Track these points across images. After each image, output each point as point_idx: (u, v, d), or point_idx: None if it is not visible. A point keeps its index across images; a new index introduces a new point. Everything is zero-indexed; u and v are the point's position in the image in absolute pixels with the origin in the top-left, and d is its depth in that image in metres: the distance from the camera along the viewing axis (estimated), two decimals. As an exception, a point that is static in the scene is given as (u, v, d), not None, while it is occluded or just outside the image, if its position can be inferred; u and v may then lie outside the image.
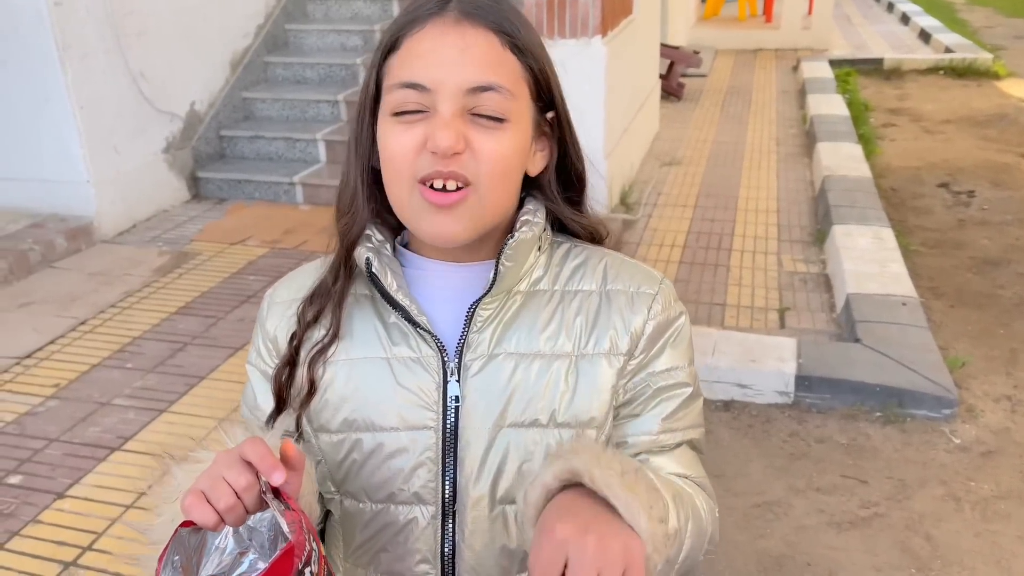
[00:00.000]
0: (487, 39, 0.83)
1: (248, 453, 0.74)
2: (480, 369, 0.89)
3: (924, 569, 2.44)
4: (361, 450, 0.91)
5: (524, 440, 0.89)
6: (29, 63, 4.54)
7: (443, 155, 0.81)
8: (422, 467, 0.90)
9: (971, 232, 4.91)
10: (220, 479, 0.74)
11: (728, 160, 6.17)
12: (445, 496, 0.90)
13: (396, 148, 0.84)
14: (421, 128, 0.83)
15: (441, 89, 0.82)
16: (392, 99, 0.84)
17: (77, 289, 4.25)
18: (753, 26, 11.28)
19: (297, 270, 1.01)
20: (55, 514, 2.66)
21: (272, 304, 0.98)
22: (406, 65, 0.84)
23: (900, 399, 3.13)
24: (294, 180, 5.38)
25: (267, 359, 0.97)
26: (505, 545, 0.91)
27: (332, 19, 6.48)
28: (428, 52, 0.82)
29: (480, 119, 0.83)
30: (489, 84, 0.82)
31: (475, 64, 0.82)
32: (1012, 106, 7.72)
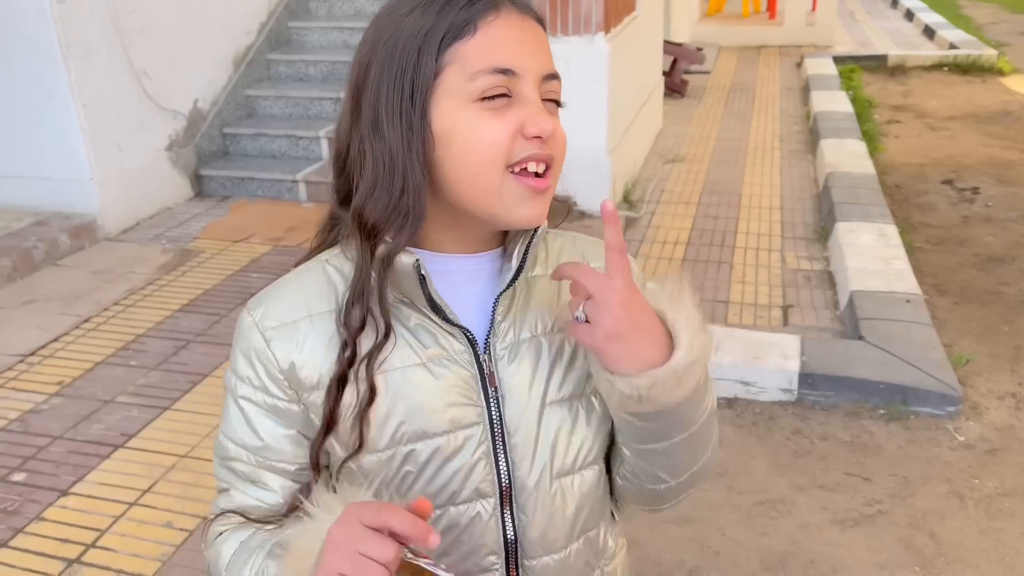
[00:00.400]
0: (543, 31, 0.89)
1: (394, 522, 0.72)
2: (512, 356, 0.91)
3: (928, 567, 2.44)
4: (416, 461, 0.89)
5: (566, 412, 0.93)
6: (32, 61, 4.54)
7: (547, 138, 0.84)
8: (479, 462, 0.90)
9: (975, 229, 4.90)
10: (362, 558, 0.71)
11: (731, 157, 6.16)
12: (502, 485, 0.91)
13: (490, 136, 0.83)
14: (512, 114, 0.84)
15: (527, 75, 0.84)
16: (479, 85, 0.83)
17: (80, 287, 4.25)
18: (757, 23, 11.26)
19: (275, 290, 0.93)
20: (59, 511, 2.66)
21: (270, 330, 0.89)
22: (494, 50, 0.83)
23: (904, 396, 3.12)
24: (297, 177, 5.38)
25: (279, 392, 0.89)
26: (565, 515, 0.95)
27: (335, 16, 6.48)
28: (515, 39, 0.84)
29: (549, 104, 0.87)
30: (556, 72, 0.88)
31: (546, 52, 0.87)
32: (1017, 103, 7.70)
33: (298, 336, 0.88)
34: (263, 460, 0.91)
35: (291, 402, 0.89)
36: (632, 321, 0.81)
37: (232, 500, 0.93)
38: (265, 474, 0.91)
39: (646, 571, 2.43)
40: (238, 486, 0.92)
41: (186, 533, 2.55)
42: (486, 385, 0.90)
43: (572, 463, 0.94)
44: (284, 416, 0.90)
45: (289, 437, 0.90)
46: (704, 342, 0.84)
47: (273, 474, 0.91)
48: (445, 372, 0.89)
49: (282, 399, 0.89)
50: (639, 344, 0.81)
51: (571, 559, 0.97)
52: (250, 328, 0.90)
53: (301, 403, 0.89)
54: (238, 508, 0.92)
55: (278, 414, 0.90)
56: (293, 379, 0.88)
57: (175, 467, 2.85)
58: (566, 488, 0.94)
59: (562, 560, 0.96)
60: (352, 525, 0.74)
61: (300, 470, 0.91)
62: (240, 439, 0.91)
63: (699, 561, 2.47)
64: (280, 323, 0.89)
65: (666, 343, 0.82)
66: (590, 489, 0.96)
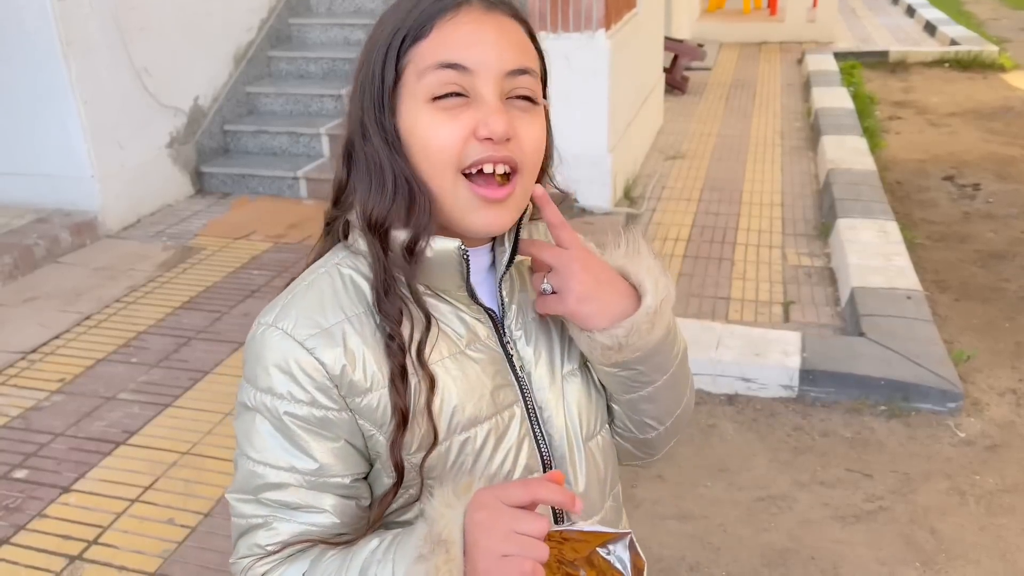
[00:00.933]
0: (516, 27, 0.87)
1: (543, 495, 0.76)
2: (528, 336, 0.95)
3: (929, 563, 2.44)
4: (473, 447, 0.90)
5: (580, 380, 0.97)
6: (33, 59, 4.54)
7: (498, 140, 0.82)
8: (524, 440, 0.93)
9: (976, 225, 4.90)
10: (519, 536, 0.73)
11: (732, 154, 6.16)
12: (544, 457, 0.94)
13: (440, 138, 0.82)
14: (466, 116, 0.82)
15: (483, 71, 0.82)
16: (428, 83, 0.82)
17: (82, 284, 4.25)
18: (757, 19, 11.24)
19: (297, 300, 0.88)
20: (61, 508, 2.67)
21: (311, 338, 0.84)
22: (443, 48, 0.82)
23: (905, 393, 3.12)
24: (298, 175, 5.38)
25: (328, 402, 0.84)
26: (598, 475, 0.99)
27: (335, 13, 6.47)
28: (467, 35, 0.83)
29: (517, 102, 0.85)
30: (525, 67, 0.85)
31: (512, 47, 0.84)
32: (1018, 99, 7.69)
33: (342, 340, 0.85)
34: (314, 480, 0.85)
35: (341, 410, 0.85)
36: (595, 281, 0.88)
37: (277, 532, 0.85)
38: (316, 495, 0.86)
39: (647, 568, 2.43)
40: (280, 515, 0.85)
41: (188, 530, 2.55)
42: (513, 365, 0.94)
43: (594, 425, 0.98)
44: (333, 427, 0.85)
45: (338, 449, 0.86)
46: (667, 284, 0.90)
47: (327, 494, 0.86)
48: (482, 357, 0.91)
49: (332, 408, 0.85)
50: (607, 299, 0.88)
51: (608, 517, 1.02)
52: (282, 340, 0.84)
53: (349, 409, 0.85)
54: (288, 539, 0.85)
55: (326, 427, 0.85)
56: (344, 384, 0.84)
57: (177, 464, 2.86)
58: (594, 450, 0.98)
59: (601, 520, 1.00)
60: (496, 508, 0.75)
61: (353, 482, 0.88)
62: (284, 463, 0.85)
63: (700, 557, 2.48)
64: (319, 329, 0.84)
65: (632, 294, 0.90)
66: (609, 446, 1.02)
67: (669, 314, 0.91)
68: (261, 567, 0.85)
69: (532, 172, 0.88)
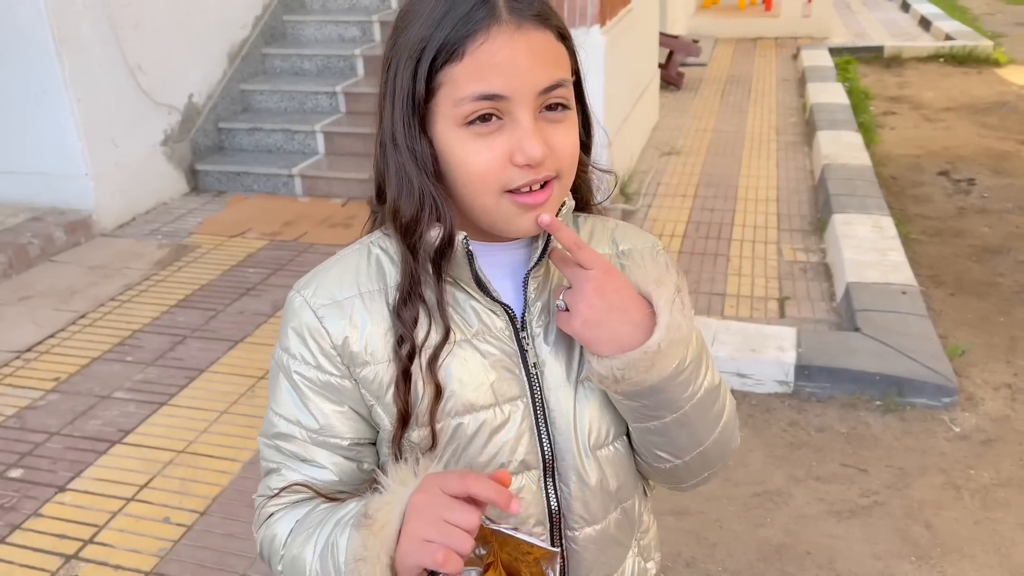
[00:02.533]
0: (547, 37, 0.85)
1: (477, 489, 0.76)
2: (547, 334, 0.95)
3: (924, 557, 2.45)
4: (464, 434, 0.92)
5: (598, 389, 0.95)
6: (26, 57, 4.53)
7: (535, 165, 0.84)
8: (524, 435, 0.93)
9: (971, 220, 4.90)
10: (446, 525, 0.75)
11: (728, 149, 6.16)
12: (546, 456, 0.94)
13: (480, 164, 0.84)
14: (502, 140, 0.84)
15: (518, 96, 0.83)
16: (464, 110, 0.83)
17: (76, 282, 4.25)
18: (753, 14, 11.24)
19: (323, 270, 0.96)
20: (56, 507, 2.66)
21: (322, 307, 0.92)
22: (478, 77, 0.82)
23: (900, 388, 3.13)
24: (293, 172, 5.37)
25: (332, 368, 0.92)
26: (604, 485, 0.97)
27: (330, 10, 6.46)
28: (502, 63, 0.82)
29: (549, 113, 0.86)
30: (559, 81, 0.86)
31: (545, 66, 0.84)
32: (1012, 93, 7.70)
33: (350, 313, 0.91)
34: (315, 437, 0.93)
35: (343, 378, 0.92)
36: (607, 306, 0.86)
37: (284, 479, 0.94)
38: (317, 451, 0.93)
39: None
40: (289, 464, 0.94)
41: (184, 528, 2.55)
42: (526, 361, 0.94)
43: (606, 435, 0.97)
44: (337, 392, 0.93)
45: (341, 413, 0.93)
46: (681, 324, 0.87)
47: (325, 451, 0.93)
48: (489, 348, 0.93)
49: (335, 375, 0.92)
50: (615, 327, 0.86)
51: (611, 529, 1.00)
52: (301, 307, 0.93)
53: (352, 378, 0.92)
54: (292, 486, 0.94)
55: (331, 391, 0.92)
56: (346, 354, 0.91)
57: (172, 462, 2.85)
58: (602, 460, 0.97)
59: (602, 530, 0.99)
60: (434, 493, 0.77)
61: (352, 445, 0.94)
62: (293, 416, 0.94)
63: (696, 553, 2.48)
64: (332, 300, 0.92)
65: (647, 325, 0.87)
66: (623, 460, 1.00)
67: (682, 353, 0.87)
68: (270, 507, 0.94)
69: (569, 175, 0.90)
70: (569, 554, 0.98)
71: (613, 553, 1.02)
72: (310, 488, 0.93)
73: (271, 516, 0.94)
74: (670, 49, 7.88)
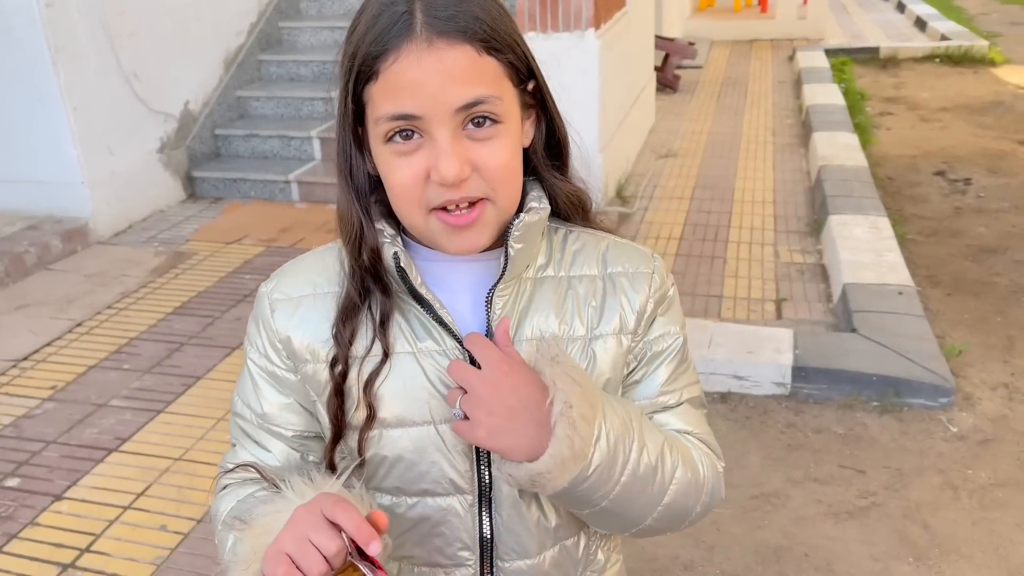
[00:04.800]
0: (464, 53, 0.81)
1: (341, 519, 0.75)
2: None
3: (922, 558, 2.44)
4: (395, 446, 0.91)
5: None
6: (22, 65, 4.53)
7: (451, 185, 0.82)
8: (459, 458, 0.91)
9: (967, 220, 4.91)
10: (307, 544, 0.74)
11: (724, 151, 6.16)
12: (482, 483, 0.92)
13: (399, 181, 0.84)
14: (420, 157, 0.83)
15: (430, 115, 0.81)
16: (381, 129, 0.83)
17: (73, 291, 4.24)
18: (748, 16, 11.25)
19: (292, 265, 0.99)
20: (53, 516, 2.66)
21: (276, 302, 0.94)
22: (390, 97, 0.81)
23: (897, 388, 3.12)
24: (289, 178, 5.37)
25: (277, 360, 0.94)
26: (540, 520, 0.96)
27: (325, 16, 6.47)
28: (411, 83, 0.80)
29: (475, 130, 0.83)
30: (476, 99, 0.82)
31: (460, 84, 0.81)
32: (1008, 93, 7.71)
33: (300, 311, 0.93)
34: (262, 423, 0.96)
35: (288, 371, 0.94)
36: (507, 411, 0.83)
37: (237, 456, 0.98)
38: (265, 436, 0.96)
39: (641, 567, 2.43)
40: (243, 443, 0.98)
41: (181, 536, 2.55)
42: None
43: None
44: (282, 384, 0.95)
45: (287, 405, 0.95)
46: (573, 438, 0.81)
47: (272, 437, 0.96)
48: (433, 365, 0.90)
49: (280, 367, 0.94)
50: (521, 432, 0.83)
51: (545, 565, 0.98)
52: (262, 298, 0.97)
53: (298, 374, 0.94)
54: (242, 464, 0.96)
55: (277, 381, 0.95)
56: (289, 350, 0.93)
57: (169, 470, 2.85)
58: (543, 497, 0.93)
59: (535, 565, 0.97)
60: (313, 512, 0.76)
61: (296, 437, 0.96)
62: (246, 399, 0.97)
63: (694, 556, 2.48)
64: (287, 297, 0.95)
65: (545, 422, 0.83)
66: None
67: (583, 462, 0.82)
68: (224, 480, 0.98)
69: (504, 190, 0.86)
70: None
71: None
72: (258, 470, 0.94)
73: (224, 488, 0.97)
74: (666, 52, 7.89)
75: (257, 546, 0.79)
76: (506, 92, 0.85)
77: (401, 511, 0.94)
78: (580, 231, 0.99)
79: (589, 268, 0.96)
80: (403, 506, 0.94)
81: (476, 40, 0.82)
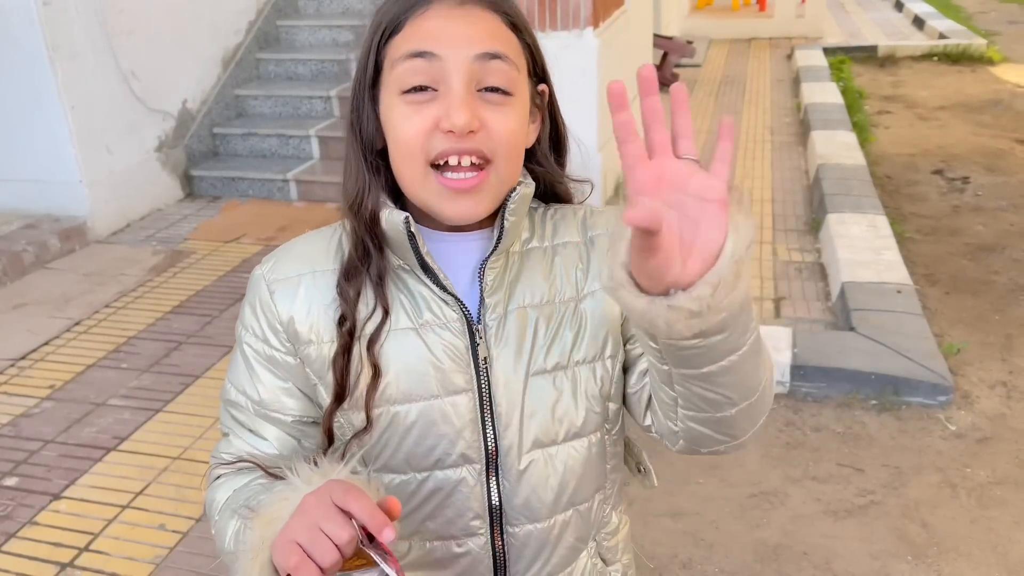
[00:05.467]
0: (491, 17, 0.86)
1: (353, 507, 0.73)
2: (499, 327, 0.93)
3: (920, 556, 2.45)
4: (403, 422, 0.92)
5: (550, 384, 0.94)
6: (19, 64, 4.52)
7: (460, 133, 0.83)
8: (466, 428, 0.93)
9: (966, 218, 4.91)
10: (319, 532, 0.73)
11: (722, 150, 6.15)
12: (489, 451, 0.94)
13: (407, 130, 0.85)
14: (432, 108, 0.84)
15: (450, 57, 0.83)
16: (398, 73, 0.85)
17: (71, 289, 4.24)
18: (747, 15, 11.25)
19: (286, 247, 0.98)
20: (51, 516, 2.66)
21: (275, 282, 0.94)
22: (413, 39, 0.85)
23: (895, 387, 3.13)
24: (288, 177, 5.36)
25: (277, 343, 0.94)
26: (549, 485, 0.96)
27: (323, 14, 6.46)
28: (436, 27, 0.84)
29: (489, 95, 0.85)
30: (497, 52, 0.85)
31: (482, 35, 0.85)
32: (1007, 92, 7.71)
33: (299, 291, 0.93)
34: (259, 409, 0.95)
35: (288, 354, 0.94)
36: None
37: (231, 445, 0.96)
38: (261, 423, 0.95)
39: (640, 564, 2.43)
40: (237, 432, 0.96)
41: (179, 535, 2.55)
42: (477, 354, 0.93)
43: (556, 434, 0.95)
44: (281, 368, 0.94)
45: (285, 390, 0.94)
46: (747, 223, 0.71)
47: (269, 424, 0.95)
48: (436, 339, 0.92)
49: (279, 350, 0.94)
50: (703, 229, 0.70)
51: (556, 530, 0.99)
52: (258, 280, 0.95)
53: (297, 356, 0.93)
54: (236, 454, 0.95)
55: (275, 365, 0.94)
56: (291, 332, 0.93)
57: (168, 469, 2.85)
58: (549, 459, 0.96)
59: (545, 530, 0.98)
60: (322, 499, 0.75)
61: (295, 423, 0.95)
62: (241, 386, 0.96)
63: (693, 554, 2.48)
64: (284, 277, 0.94)
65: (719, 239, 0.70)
66: (578, 462, 0.97)
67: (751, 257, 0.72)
68: (218, 471, 0.97)
69: (508, 161, 0.88)
70: (508, 549, 0.98)
71: (560, 553, 1.00)
72: (253, 460, 0.94)
73: (218, 479, 0.96)
74: (664, 50, 7.89)
75: (265, 535, 0.78)
76: (522, 70, 0.89)
77: (412, 488, 0.95)
78: (557, 206, 1.02)
79: (571, 235, 0.99)
80: (413, 482, 0.95)
81: (502, 12, 0.88)
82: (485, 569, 0.99)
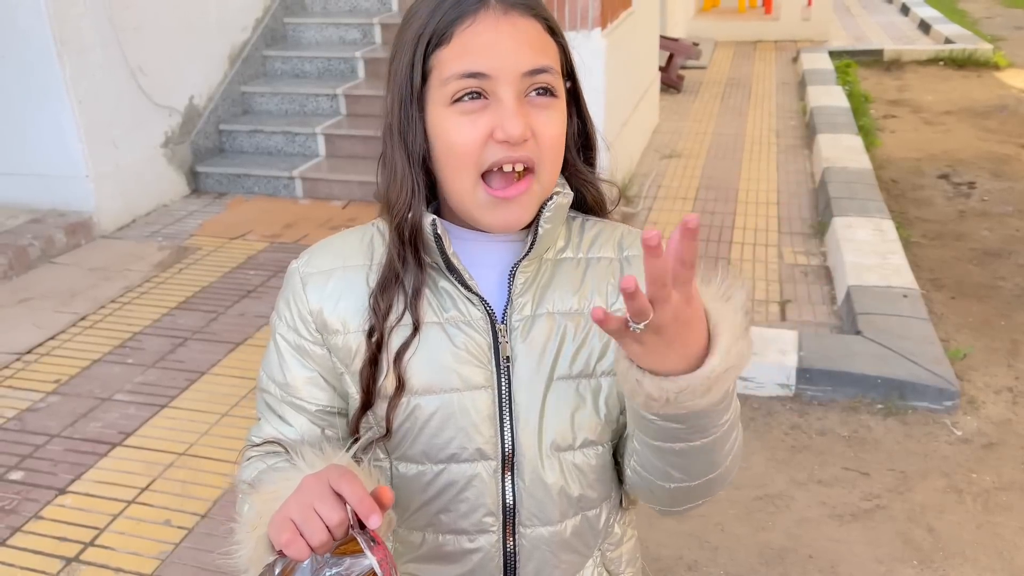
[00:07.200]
0: (533, 25, 0.88)
1: (345, 491, 0.75)
2: (526, 329, 0.95)
3: (926, 561, 2.44)
4: (422, 414, 0.94)
5: (573, 390, 0.96)
6: (27, 58, 4.52)
7: (515, 143, 0.86)
8: (484, 424, 0.94)
9: (971, 223, 4.91)
10: (312, 512, 0.75)
11: (728, 152, 6.16)
12: (505, 449, 0.95)
13: (462, 140, 0.87)
14: (485, 118, 0.86)
15: (501, 75, 0.85)
16: (450, 89, 0.86)
17: (77, 284, 4.24)
18: (752, 17, 11.25)
19: (322, 243, 1.02)
20: (57, 510, 2.66)
21: (308, 275, 0.97)
22: (464, 57, 0.86)
23: (901, 391, 3.13)
24: (293, 174, 5.37)
25: (306, 333, 0.97)
26: (563, 489, 0.98)
27: (331, 12, 6.46)
28: (486, 44, 0.86)
29: (535, 98, 0.88)
30: (543, 67, 0.87)
31: (529, 49, 0.87)
32: (1012, 97, 7.71)
33: (329, 283, 0.96)
34: (286, 396, 0.98)
35: (316, 344, 0.97)
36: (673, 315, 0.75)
37: (261, 429, 1.00)
38: (287, 410, 0.98)
39: (643, 567, 2.43)
40: (267, 417, 1.00)
41: (185, 531, 2.55)
42: (499, 353, 0.94)
43: (573, 440, 0.97)
44: (309, 357, 0.97)
45: (311, 379, 0.98)
46: (742, 351, 0.78)
47: (294, 411, 0.98)
48: (460, 335, 0.94)
49: (308, 340, 0.97)
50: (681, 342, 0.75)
51: (566, 533, 1.00)
52: (293, 273, 0.99)
53: (325, 346, 0.96)
54: (264, 437, 0.99)
55: (304, 355, 0.97)
56: (319, 322, 0.96)
57: (173, 465, 2.85)
58: (565, 463, 0.97)
59: (556, 532, 0.99)
60: (320, 482, 0.77)
61: (319, 412, 0.98)
62: (271, 373, 1.00)
63: (698, 556, 2.48)
64: (318, 270, 0.98)
65: (701, 345, 0.76)
66: (591, 468, 0.99)
67: (732, 380, 0.80)
68: (249, 452, 1.00)
69: (550, 168, 0.91)
70: (519, 550, 0.99)
71: (567, 559, 1.02)
72: (280, 443, 0.97)
73: (249, 460, 0.99)
74: (670, 52, 7.89)
75: (263, 511, 0.81)
76: (560, 74, 0.91)
77: (427, 479, 0.97)
78: (596, 220, 1.04)
79: (606, 251, 1.01)
80: (429, 474, 0.97)
81: (540, 18, 0.90)
82: (495, 568, 1.00)
